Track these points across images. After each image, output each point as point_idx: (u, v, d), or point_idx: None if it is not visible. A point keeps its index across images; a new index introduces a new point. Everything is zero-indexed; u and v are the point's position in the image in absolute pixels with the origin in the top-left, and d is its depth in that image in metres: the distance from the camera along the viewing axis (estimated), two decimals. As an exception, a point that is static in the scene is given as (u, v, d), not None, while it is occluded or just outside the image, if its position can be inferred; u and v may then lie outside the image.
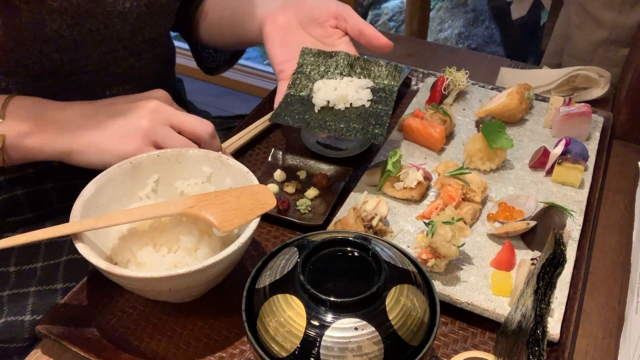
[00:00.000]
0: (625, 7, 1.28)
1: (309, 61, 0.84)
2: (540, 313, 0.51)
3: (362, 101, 0.78)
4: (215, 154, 0.76)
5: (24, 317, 0.76)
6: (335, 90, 0.78)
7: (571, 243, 0.77)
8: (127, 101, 0.76)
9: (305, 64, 0.84)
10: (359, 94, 0.78)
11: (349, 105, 0.78)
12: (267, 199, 0.69)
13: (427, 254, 0.71)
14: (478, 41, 2.68)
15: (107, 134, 0.73)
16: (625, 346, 0.67)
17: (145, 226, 0.71)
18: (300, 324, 0.53)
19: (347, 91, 0.78)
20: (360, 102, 0.78)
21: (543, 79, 1.12)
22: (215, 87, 2.85)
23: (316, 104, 0.79)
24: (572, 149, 0.88)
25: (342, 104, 0.78)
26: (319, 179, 0.89)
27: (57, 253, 0.83)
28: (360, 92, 0.79)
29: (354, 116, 0.78)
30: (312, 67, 0.83)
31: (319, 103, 0.78)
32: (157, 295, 0.68)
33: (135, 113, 0.74)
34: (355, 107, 0.78)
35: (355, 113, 0.77)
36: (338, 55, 0.84)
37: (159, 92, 0.78)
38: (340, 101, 0.78)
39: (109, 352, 0.66)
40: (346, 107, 0.79)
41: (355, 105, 0.78)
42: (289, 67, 0.84)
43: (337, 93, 0.77)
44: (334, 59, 0.84)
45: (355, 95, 0.78)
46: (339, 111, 0.78)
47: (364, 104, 0.78)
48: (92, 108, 0.76)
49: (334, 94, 0.78)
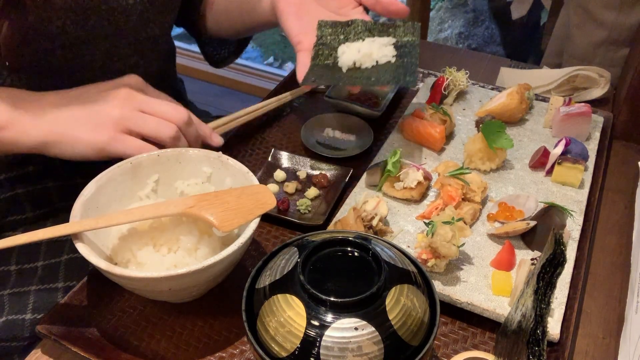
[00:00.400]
0: (625, 7, 1.28)
1: (327, 32, 0.84)
2: (540, 313, 0.51)
3: (388, 57, 0.78)
4: (215, 154, 0.76)
5: (25, 316, 0.76)
6: (359, 52, 0.78)
7: (571, 243, 0.77)
8: (99, 90, 0.75)
9: (324, 35, 0.83)
10: (383, 50, 0.78)
11: (375, 63, 0.78)
12: (267, 199, 0.69)
13: (427, 254, 0.71)
14: (478, 41, 2.68)
15: (80, 124, 0.73)
16: (625, 346, 0.67)
17: (145, 226, 0.71)
18: (300, 324, 0.53)
19: (371, 49, 0.78)
20: (385, 58, 0.78)
21: (543, 79, 1.12)
22: (215, 87, 2.85)
23: (343, 66, 0.78)
24: (572, 149, 0.88)
25: (369, 62, 0.78)
26: (319, 179, 0.89)
27: (58, 252, 0.83)
28: (384, 49, 0.79)
29: (382, 71, 0.78)
30: (332, 37, 0.83)
31: (346, 64, 0.78)
32: (157, 295, 0.68)
33: (106, 102, 0.73)
34: (382, 64, 0.78)
35: (383, 69, 0.77)
36: (355, 23, 0.84)
37: (132, 78, 0.77)
38: (367, 60, 0.78)
39: (109, 352, 0.66)
40: (372, 65, 0.78)
41: (381, 63, 0.78)
42: (306, 39, 0.83)
43: (362, 52, 0.78)
44: (351, 27, 0.83)
45: (380, 52, 0.78)
46: (367, 69, 0.78)
47: (390, 60, 0.78)
48: (65, 98, 0.75)
49: (359, 54, 0.78)
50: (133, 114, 0.73)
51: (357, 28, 0.83)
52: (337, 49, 0.81)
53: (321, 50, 0.81)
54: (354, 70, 0.78)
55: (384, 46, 0.80)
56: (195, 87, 2.54)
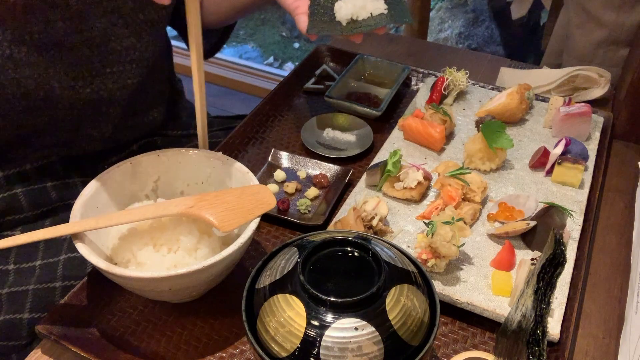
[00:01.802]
0: (625, 7, 1.28)
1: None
2: (540, 313, 0.51)
3: (380, 10, 0.84)
4: (215, 154, 0.76)
5: (23, 315, 0.76)
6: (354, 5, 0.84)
7: (571, 243, 0.77)
8: None
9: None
10: (375, 4, 0.85)
11: (369, 15, 0.84)
12: (267, 199, 0.70)
13: (427, 254, 0.71)
14: (478, 41, 2.68)
15: None
16: (625, 346, 0.67)
17: (145, 226, 0.71)
18: (300, 324, 0.53)
19: (365, 2, 0.84)
20: (378, 10, 0.84)
21: (543, 79, 1.12)
22: (215, 87, 2.85)
23: (342, 20, 0.84)
24: (572, 149, 0.88)
25: (364, 14, 0.84)
26: (319, 179, 0.89)
27: (56, 251, 0.83)
28: (376, 2, 0.85)
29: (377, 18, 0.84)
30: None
31: (344, 18, 0.84)
32: (157, 295, 0.68)
33: None
34: (376, 15, 0.84)
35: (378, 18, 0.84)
36: None
37: None
38: (362, 12, 0.84)
39: (109, 352, 0.66)
40: (368, 16, 0.84)
41: (375, 14, 0.84)
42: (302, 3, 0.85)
43: (357, 6, 0.84)
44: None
45: (373, 5, 0.84)
46: (363, 20, 0.84)
47: (382, 12, 0.84)
48: None
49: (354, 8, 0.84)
50: None
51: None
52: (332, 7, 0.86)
53: (317, 9, 0.86)
54: (352, 22, 0.84)
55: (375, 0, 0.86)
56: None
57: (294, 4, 0.85)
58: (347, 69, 1.11)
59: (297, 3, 0.85)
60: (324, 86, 1.12)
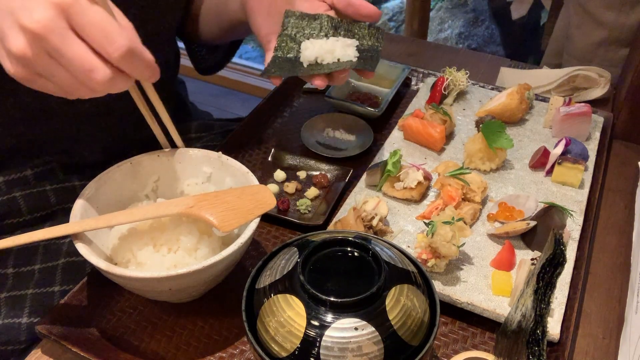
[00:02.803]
0: (625, 7, 1.28)
1: (293, 23, 0.83)
2: (540, 313, 0.51)
3: (350, 57, 0.78)
4: (215, 154, 0.76)
5: (22, 320, 0.76)
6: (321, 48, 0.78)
7: (571, 243, 0.77)
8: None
9: (289, 26, 0.83)
10: (346, 50, 0.78)
11: (336, 60, 0.78)
12: (267, 199, 0.69)
13: (427, 254, 0.71)
14: (478, 41, 2.68)
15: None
16: (625, 346, 0.67)
17: (145, 226, 0.71)
18: (300, 324, 0.53)
19: (334, 47, 0.78)
20: (347, 57, 0.78)
21: (543, 79, 1.12)
22: (216, 87, 2.85)
23: (304, 61, 0.78)
24: (572, 149, 0.88)
25: (330, 59, 0.78)
26: (319, 179, 0.89)
27: (55, 255, 0.82)
28: (347, 49, 0.79)
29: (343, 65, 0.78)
30: (297, 29, 0.83)
31: (307, 59, 0.78)
32: (157, 295, 0.68)
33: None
34: (343, 61, 0.78)
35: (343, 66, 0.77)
36: (321, 17, 0.83)
37: None
38: (328, 56, 0.78)
39: (109, 352, 0.66)
40: (334, 62, 0.78)
41: (342, 61, 0.78)
42: (274, 39, 0.82)
43: (325, 49, 0.78)
44: (317, 21, 0.83)
45: (343, 52, 0.78)
46: (327, 65, 0.78)
47: (352, 60, 0.78)
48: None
49: (321, 50, 0.78)
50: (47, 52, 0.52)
51: (324, 23, 0.82)
52: (300, 44, 0.81)
53: (284, 42, 0.81)
54: (315, 65, 0.78)
55: (347, 46, 0.80)
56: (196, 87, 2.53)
57: (266, 36, 0.82)
58: (347, 69, 1.10)
59: (270, 37, 0.81)
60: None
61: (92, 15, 0.51)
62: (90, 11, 0.52)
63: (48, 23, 0.50)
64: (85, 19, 0.51)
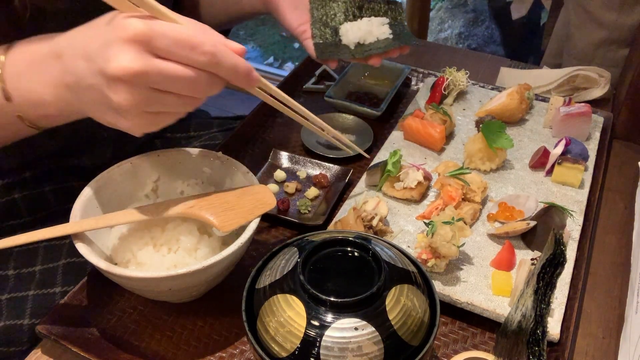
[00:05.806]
0: (625, 7, 1.28)
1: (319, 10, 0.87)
2: (540, 313, 0.51)
3: (386, 34, 0.83)
4: (215, 154, 0.76)
5: (23, 321, 0.76)
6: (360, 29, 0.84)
7: (571, 243, 0.77)
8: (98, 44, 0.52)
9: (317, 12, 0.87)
10: (381, 29, 0.84)
11: (375, 39, 0.84)
12: (267, 199, 0.69)
13: (427, 254, 0.71)
14: (478, 41, 2.68)
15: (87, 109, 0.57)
16: (625, 346, 0.67)
17: (145, 226, 0.71)
18: (300, 324, 0.53)
19: (370, 27, 0.84)
20: (384, 35, 0.83)
21: (543, 79, 1.12)
22: (215, 87, 2.84)
23: (349, 44, 0.83)
24: (572, 149, 0.88)
25: (371, 38, 0.84)
26: (319, 179, 0.89)
27: (56, 256, 0.82)
28: (382, 27, 0.84)
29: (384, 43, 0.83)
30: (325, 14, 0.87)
31: (352, 42, 0.83)
32: (157, 295, 0.68)
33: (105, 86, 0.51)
34: (381, 39, 0.84)
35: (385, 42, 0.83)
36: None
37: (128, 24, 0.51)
38: (369, 36, 0.83)
39: (109, 352, 0.66)
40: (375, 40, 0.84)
41: (381, 39, 0.84)
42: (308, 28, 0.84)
43: (364, 30, 0.83)
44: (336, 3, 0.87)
45: (379, 30, 0.84)
46: (371, 44, 0.83)
47: (388, 37, 0.83)
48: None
49: (359, 32, 0.83)
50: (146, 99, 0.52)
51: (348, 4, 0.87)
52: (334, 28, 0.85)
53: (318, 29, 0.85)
54: (360, 46, 0.83)
55: (381, 25, 0.85)
56: (195, 87, 2.52)
57: (298, 28, 0.84)
58: (347, 69, 1.11)
59: (303, 27, 0.84)
60: (324, 86, 1.12)
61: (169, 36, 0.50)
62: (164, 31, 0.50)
63: (138, 65, 0.49)
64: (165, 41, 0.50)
